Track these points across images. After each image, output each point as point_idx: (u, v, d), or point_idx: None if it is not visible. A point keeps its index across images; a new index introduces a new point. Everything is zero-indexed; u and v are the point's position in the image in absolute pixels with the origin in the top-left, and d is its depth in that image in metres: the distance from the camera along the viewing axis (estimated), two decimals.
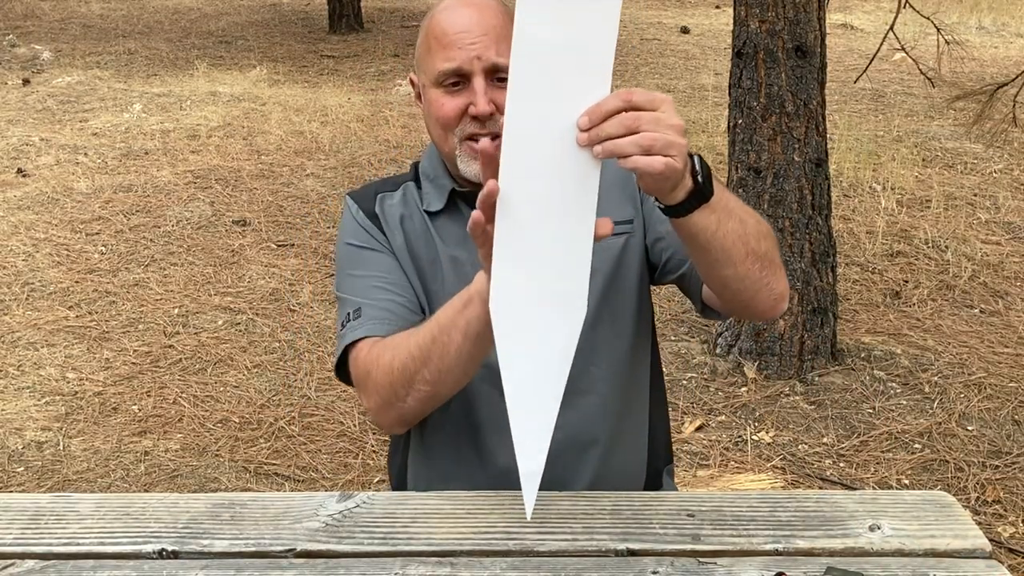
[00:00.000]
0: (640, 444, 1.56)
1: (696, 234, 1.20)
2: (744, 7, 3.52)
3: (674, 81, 8.46)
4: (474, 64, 1.33)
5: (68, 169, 6.01)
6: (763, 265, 1.27)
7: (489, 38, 1.34)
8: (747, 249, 1.24)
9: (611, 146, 1.08)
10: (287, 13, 12.17)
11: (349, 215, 1.52)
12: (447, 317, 1.26)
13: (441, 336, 1.26)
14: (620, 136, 1.07)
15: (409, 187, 1.52)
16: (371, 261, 1.47)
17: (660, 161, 1.08)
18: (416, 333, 1.31)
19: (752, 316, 1.38)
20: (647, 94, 1.09)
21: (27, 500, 1.37)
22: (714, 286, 1.32)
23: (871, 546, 1.22)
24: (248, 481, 3.07)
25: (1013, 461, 3.10)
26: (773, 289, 1.30)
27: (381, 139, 6.58)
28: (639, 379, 1.54)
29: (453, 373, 1.29)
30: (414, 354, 1.29)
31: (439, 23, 1.37)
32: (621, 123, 1.07)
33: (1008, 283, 4.41)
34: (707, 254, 1.23)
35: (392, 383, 1.32)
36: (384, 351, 1.34)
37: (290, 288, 4.41)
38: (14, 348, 3.89)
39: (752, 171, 3.54)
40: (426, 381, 1.29)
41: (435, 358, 1.27)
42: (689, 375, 3.66)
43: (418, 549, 1.23)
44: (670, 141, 1.08)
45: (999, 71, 8.36)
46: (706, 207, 1.17)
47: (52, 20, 11.51)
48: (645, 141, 1.07)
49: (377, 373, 1.34)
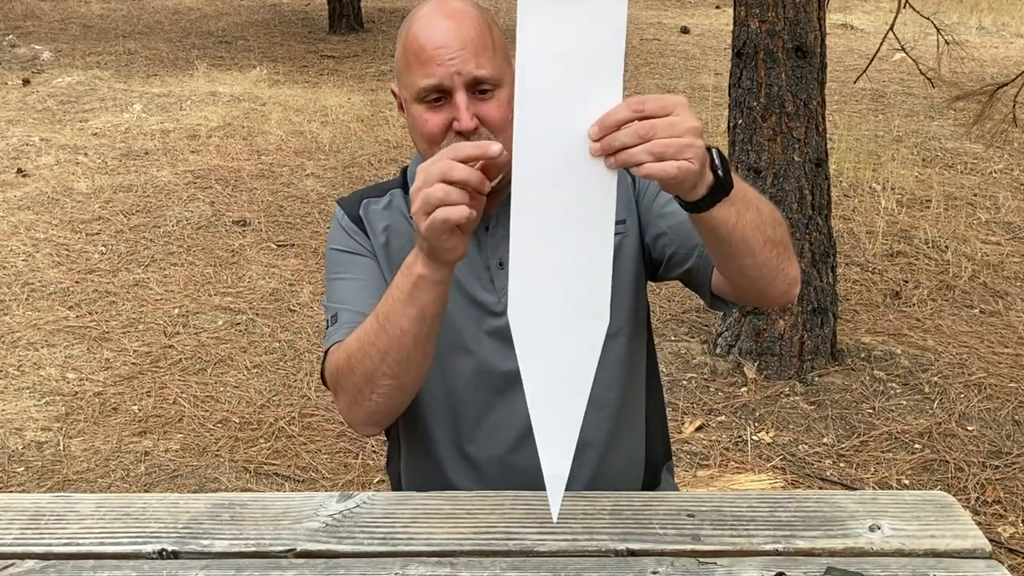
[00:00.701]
0: (637, 444, 1.56)
1: (717, 227, 1.20)
2: (744, 7, 3.52)
3: (674, 81, 8.46)
4: (454, 80, 1.31)
5: (68, 169, 6.01)
6: (779, 251, 1.27)
7: (468, 51, 1.32)
8: (765, 237, 1.24)
9: (624, 156, 1.07)
10: (287, 13, 12.17)
11: (336, 222, 1.53)
12: (392, 307, 1.25)
13: (389, 326, 1.26)
14: (633, 145, 1.07)
15: (396, 194, 1.52)
16: (351, 265, 1.48)
17: (673, 166, 1.07)
18: (364, 328, 1.30)
19: (766, 303, 1.38)
20: (659, 99, 1.08)
21: (27, 500, 1.37)
22: (731, 275, 1.31)
23: (871, 546, 1.22)
24: (248, 481, 3.07)
25: (1013, 461, 3.10)
26: (788, 274, 1.31)
27: (381, 139, 6.58)
28: (636, 379, 1.54)
29: (413, 359, 1.28)
30: (367, 351, 1.29)
31: (416, 38, 1.34)
32: (634, 132, 1.07)
33: (1008, 283, 4.41)
34: (728, 245, 1.23)
35: (355, 383, 1.32)
36: (343, 353, 1.34)
37: (290, 288, 4.41)
38: (14, 348, 3.89)
39: (752, 171, 3.54)
40: (386, 375, 1.29)
41: (391, 350, 1.27)
42: (689, 375, 3.66)
43: (418, 549, 1.23)
44: (685, 144, 1.07)
45: (999, 71, 8.36)
46: (726, 200, 1.17)
47: (52, 20, 11.51)
48: (657, 148, 1.06)
49: (342, 377, 1.34)
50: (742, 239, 1.21)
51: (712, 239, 1.23)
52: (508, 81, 1.36)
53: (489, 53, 1.34)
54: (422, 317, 1.24)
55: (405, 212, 1.48)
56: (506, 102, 1.35)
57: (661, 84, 8.34)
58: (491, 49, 1.34)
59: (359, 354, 1.30)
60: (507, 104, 1.35)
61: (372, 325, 1.29)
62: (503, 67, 1.36)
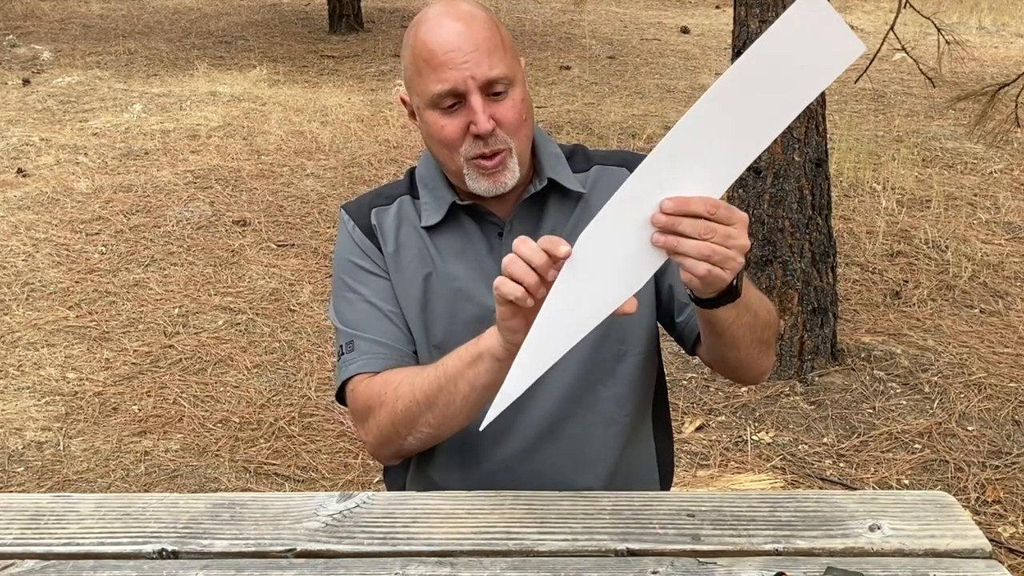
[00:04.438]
0: (647, 463, 1.56)
1: (714, 323, 1.28)
2: (744, 7, 3.52)
3: (674, 81, 8.46)
4: (468, 83, 1.30)
5: (68, 169, 6.01)
6: (762, 349, 1.36)
7: (480, 53, 1.30)
8: (753, 338, 1.32)
9: (673, 241, 1.11)
10: (287, 13, 12.17)
11: (345, 231, 1.49)
12: (455, 368, 1.29)
13: (448, 385, 1.29)
14: (688, 237, 1.11)
15: (404, 201, 1.48)
16: (364, 285, 1.45)
17: (704, 267, 1.12)
18: (422, 377, 1.33)
19: (736, 381, 1.51)
20: (729, 210, 1.12)
21: (27, 500, 1.37)
22: (712, 357, 1.41)
23: (871, 546, 1.22)
24: (248, 481, 3.07)
25: (1013, 461, 3.10)
26: (763, 368, 1.41)
27: (381, 139, 6.58)
28: (646, 399, 1.54)
29: (457, 418, 1.33)
30: (419, 399, 1.32)
31: (425, 43, 1.32)
32: (695, 227, 1.11)
33: (1008, 283, 4.41)
34: (718, 338, 1.32)
35: (395, 423, 1.35)
36: (387, 390, 1.36)
37: (290, 288, 4.41)
38: (14, 348, 3.89)
39: (752, 171, 3.54)
40: (429, 424, 1.34)
41: (440, 404, 1.31)
42: (689, 375, 3.66)
43: (418, 549, 1.23)
44: (729, 257, 1.12)
45: (999, 71, 8.36)
46: (730, 304, 1.24)
47: (52, 20, 11.51)
48: (705, 251, 1.11)
49: (380, 412, 1.36)
50: (733, 337, 1.30)
51: (707, 330, 1.32)
52: (520, 79, 1.36)
53: (500, 52, 1.32)
54: (474, 384, 1.27)
55: (415, 221, 1.46)
56: (520, 101, 1.35)
57: (661, 84, 8.34)
58: (502, 48, 1.33)
59: (407, 398, 1.33)
60: (521, 103, 1.35)
61: (430, 375, 1.31)
62: (514, 65, 1.35)
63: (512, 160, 1.36)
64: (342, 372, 1.43)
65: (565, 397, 1.44)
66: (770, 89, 1.08)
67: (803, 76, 1.09)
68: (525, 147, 1.39)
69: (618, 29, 11.03)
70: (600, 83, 8.38)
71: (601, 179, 1.48)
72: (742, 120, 1.09)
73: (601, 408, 1.46)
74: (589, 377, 1.45)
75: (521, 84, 1.36)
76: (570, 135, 6.55)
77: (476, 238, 1.44)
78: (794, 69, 1.08)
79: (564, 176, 1.45)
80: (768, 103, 1.09)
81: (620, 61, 9.32)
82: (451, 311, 1.43)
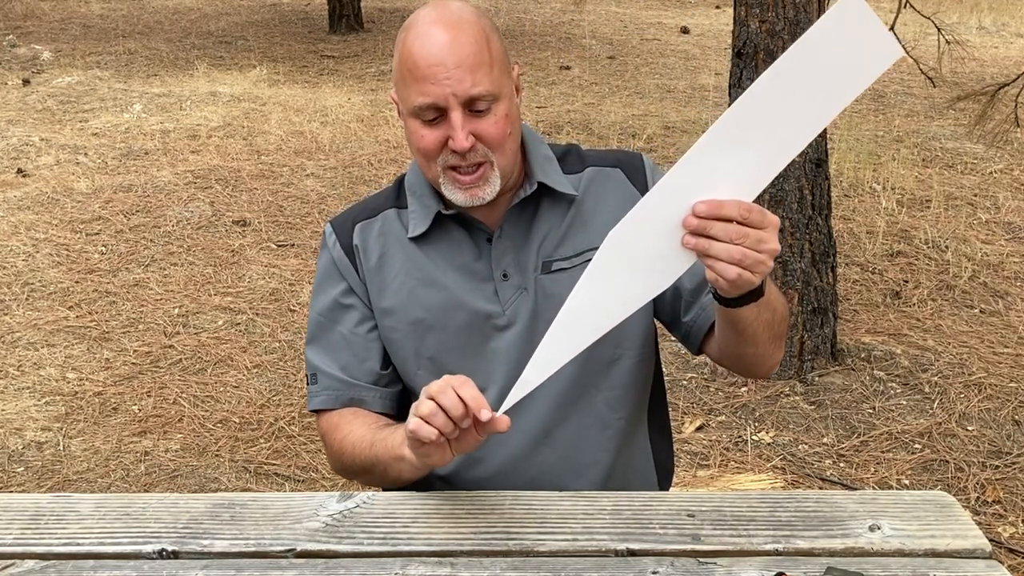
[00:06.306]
0: (643, 466, 1.56)
1: (736, 321, 1.29)
2: (744, 7, 3.52)
3: (674, 81, 8.46)
4: (450, 100, 1.29)
5: (68, 169, 6.01)
6: (776, 344, 1.37)
7: (463, 69, 1.28)
8: (771, 333, 1.33)
9: (705, 245, 1.12)
10: (287, 13, 12.17)
11: (326, 249, 1.51)
12: (385, 453, 1.34)
13: (379, 465, 1.36)
14: (720, 241, 1.11)
15: (388, 216, 1.48)
16: (335, 317, 1.48)
17: (734, 271, 1.12)
18: (363, 445, 1.39)
19: (747, 376, 1.54)
20: (762, 214, 1.12)
21: (27, 500, 1.37)
22: (728, 355, 1.41)
23: (871, 546, 1.22)
24: (248, 481, 3.07)
25: (1013, 461, 3.10)
26: (774, 360, 1.41)
27: (381, 139, 6.58)
28: (642, 402, 1.54)
29: (397, 484, 1.39)
30: (359, 462, 1.40)
31: (411, 53, 1.30)
32: (726, 232, 1.11)
33: (1008, 283, 4.41)
34: (739, 335, 1.32)
35: (345, 469, 1.47)
36: (339, 436, 1.44)
37: (290, 288, 4.41)
38: (14, 348, 3.89)
39: None
40: (371, 483, 1.47)
41: (376, 475, 1.40)
42: (689, 375, 3.66)
43: (418, 549, 1.23)
44: (760, 261, 1.13)
45: (999, 71, 8.36)
46: (753, 303, 1.24)
47: (52, 20, 11.51)
48: (736, 255, 1.12)
49: (333, 450, 1.46)
50: (753, 334, 1.31)
51: (726, 328, 1.32)
52: (506, 94, 1.34)
53: (486, 68, 1.30)
54: (400, 476, 1.33)
55: (400, 235, 1.46)
56: (503, 117, 1.32)
57: (661, 84, 8.34)
58: (488, 64, 1.30)
59: (350, 455, 1.42)
60: (504, 119, 1.33)
61: (367, 450, 1.38)
62: (501, 80, 1.32)
63: (493, 173, 1.35)
64: (309, 401, 1.50)
65: (559, 401, 1.44)
66: (807, 91, 1.07)
67: (840, 79, 1.08)
68: (509, 160, 1.37)
69: (618, 29, 11.03)
70: (600, 83, 8.38)
71: (595, 181, 1.47)
72: (778, 122, 1.09)
73: (595, 412, 1.46)
74: (583, 381, 1.44)
75: (507, 99, 1.34)
76: (570, 135, 6.55)
77: (465, 246, 1.44)
78: (832, 71, 1.07)
79: (555, 179, 1.44)
80: (805, 106, 1.08)
81: (620, 61, 9.32)
82: (442, 321, 1.43)
